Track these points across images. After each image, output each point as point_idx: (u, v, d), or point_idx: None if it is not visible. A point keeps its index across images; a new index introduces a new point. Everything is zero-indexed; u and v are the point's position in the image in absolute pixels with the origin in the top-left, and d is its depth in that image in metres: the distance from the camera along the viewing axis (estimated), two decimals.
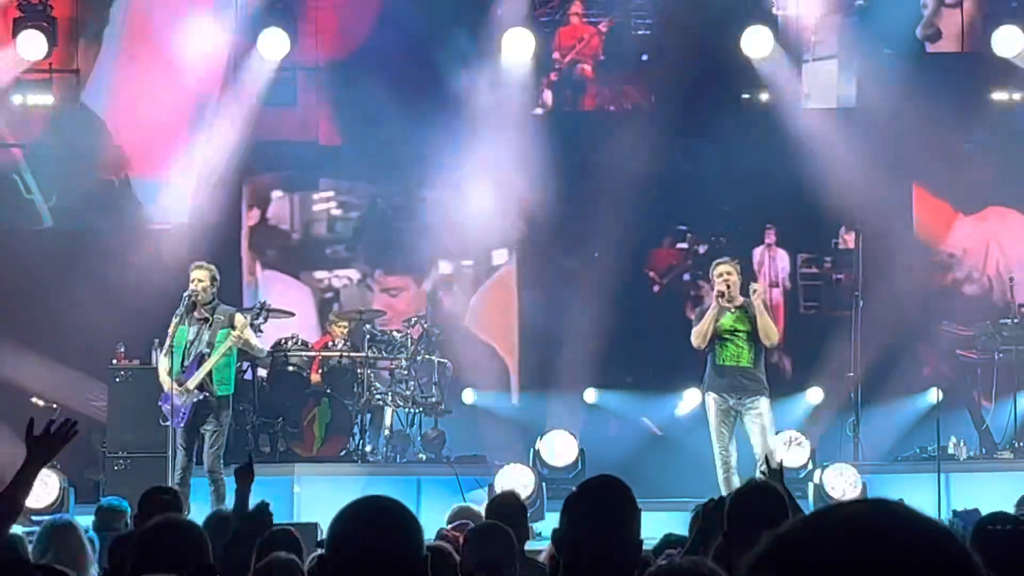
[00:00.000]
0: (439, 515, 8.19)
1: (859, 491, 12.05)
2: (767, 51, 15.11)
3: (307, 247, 16.47)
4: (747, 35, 14.99)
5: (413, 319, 13.80)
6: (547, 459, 13.22)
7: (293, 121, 16.00)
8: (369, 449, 13.15)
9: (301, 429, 13.07)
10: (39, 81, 15.27)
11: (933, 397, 13.83)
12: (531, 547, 7.22)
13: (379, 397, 13.44)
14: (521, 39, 15.32)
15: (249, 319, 10.91)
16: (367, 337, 13.40)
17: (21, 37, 14.63)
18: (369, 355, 13.33)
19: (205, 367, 10.58)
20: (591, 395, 15.27)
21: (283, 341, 13.53)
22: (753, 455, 10.68)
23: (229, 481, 8.43)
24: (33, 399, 13.30)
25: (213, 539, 4.46)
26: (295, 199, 16.49)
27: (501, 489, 11.47)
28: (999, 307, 15.12)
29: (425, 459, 13.28)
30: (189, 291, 10.68)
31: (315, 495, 12.02)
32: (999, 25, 15.06)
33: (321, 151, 15.88)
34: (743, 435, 10.85)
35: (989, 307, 15.33)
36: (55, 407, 12.95)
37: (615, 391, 15.40)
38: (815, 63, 16.05)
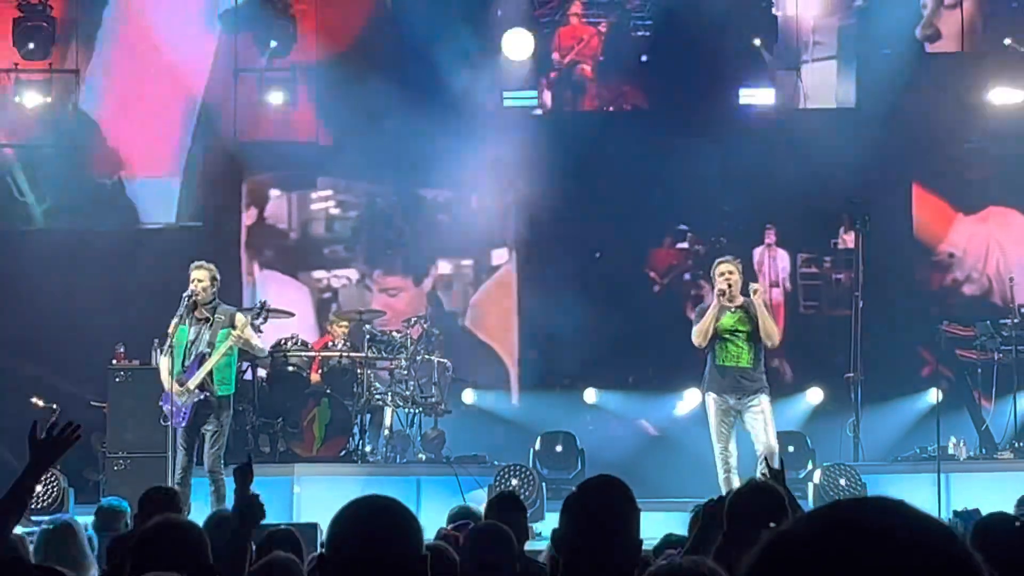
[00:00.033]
0: (439, 515, 8.17)
1: (859, 491, 12.04)
2: (767, 50, 15.14)
3: (305, 247, 16.43)
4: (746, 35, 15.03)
5: (413, 319, 13.79)
6: (546, 459, 13.23)
7: (292, 120, 15.97)
8: (369, 449, 13.14)
9: (301, 429, 13.06)
10: (38, 81, 15.25)
11: (933, 397, 13.82)
12: (531, 547, 7.22)
13: (379, 397, 13.43)
14: (521, 39, 15.32)
15: (249, 319, 10.90)
16: (367, 337, 13.39)
17: (20, 37, 14.65)
18: (369, 355, 13.32)
19: (206, 367, 10.57)
20: (591, 395, 15.27)
21: (283, 341, 13.52)
22: (753, 455, 10.66)
23: (229, 481, 8.42)
24: (33, 399, 13.31)
25: (213, 539, 4.46)
26: (293, 198, 16.43)
27: (500, 489, 11.49)
28: (999, 307, 15.12)
29: (425, 459, 13.27)
30: (189, 291, 10.66)
31: (315, 495, 12.01)
32: (999, 25, 15.07)
33: (319, 151, 15.86)
34: (743, 435, 10.84)
35: (989, 307, 15.34)
36: (55, 407, 12.95)
37: (615, 391, 15.40)
38: (814, 64, 16.06)
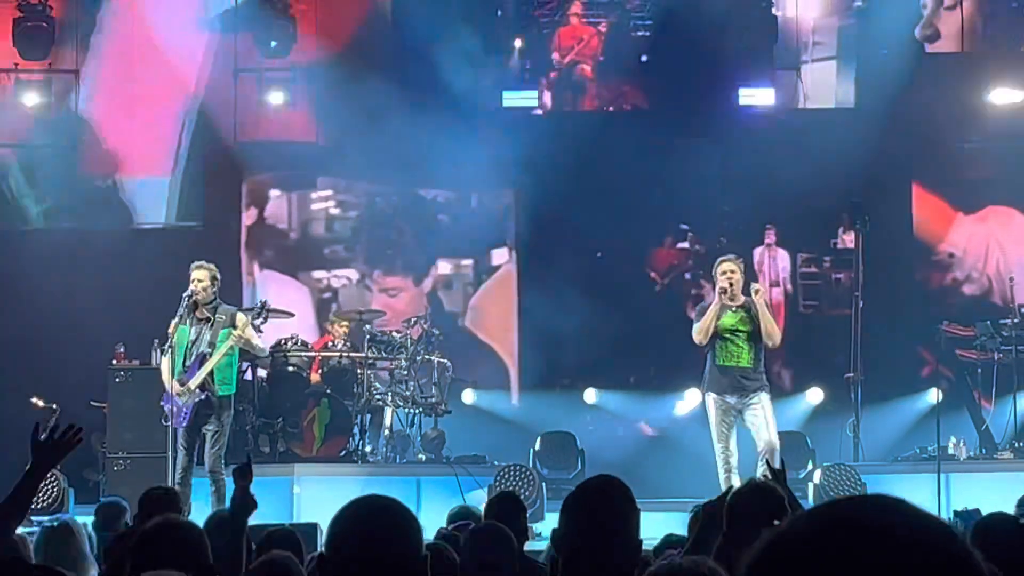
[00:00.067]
0: (439, 515, 8.17)
1: (859, 492, 12.04)
2: (767, 50, 15.15)
3: (305, 247, 16.40)
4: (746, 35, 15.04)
5: (413, 319, 13.78)
6: (546, 460, 13.23)
7: (291, 120, 15.95)
8: (369, 449, 13.13)
9: (301, 429, 13.05)
10: (37, 81, 15.23)
11: (933, 397, 13.81)
12: (531, 547, 7.22)
13: (379, 397, 13.42)
14: (522, 40, 15.35)
15: (250, 319, 10.90)
16: (367, 337, 13.39)
17: (20, 37, 14.65)
18: (369, 355, 13.31)
19: (207, 367, 10.57)
20: (591, 395, 15.27)
21: (283, 341, 13.51)
22: (754, 455, 10.66)
23: (230, 481, 8.42)
24: (33, 399, 13.30)
25: (213, 539, 4.46)
26: (293, 198, 16.39)
27: (500, 489, 11.49)
28: (999, 307, 15.12)
29: (425, 459, 13.26)
30: (189, 291, 10.66)
31: (315, 495, 12.00)
32: (998, 25, 15.08)
33: (319, 150, 15.80)
34: (744, 435, 10.83)
35: (989, 307, 15.34)
36: (55, 407, 12.95)
37: (615, 391, 15.39)
38: (814, 64, 16.06)
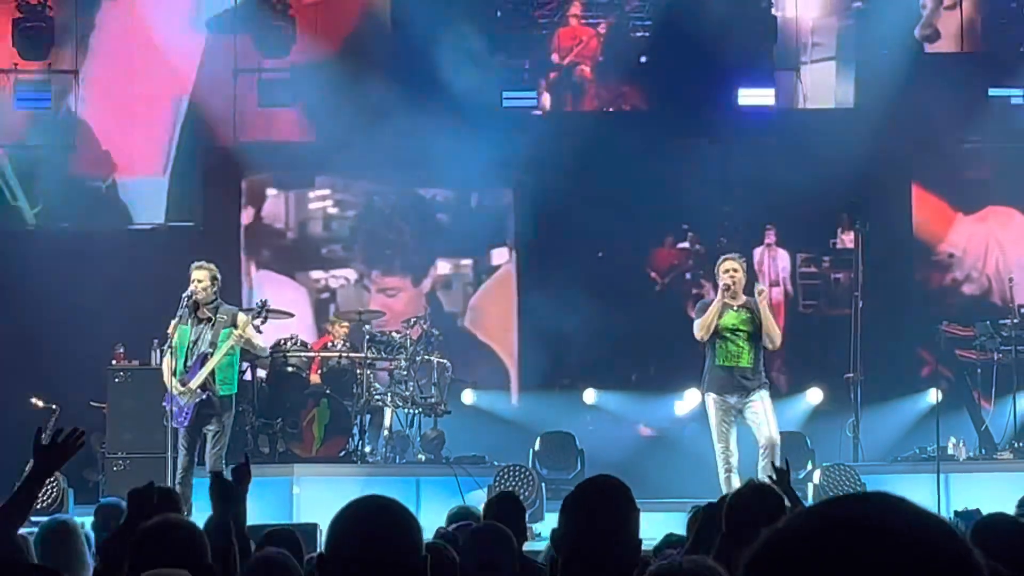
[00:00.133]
0: (438, 516, 8.17)
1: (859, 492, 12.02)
2: (766, 51, 15.15)
3: (303, 247, 16.34)
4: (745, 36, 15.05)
5: (413, 320, 13.77)
6: (546, 460, 13.23)
7: (290, 120, 15.92)
8: (368, 450, 13.12)
9: (300, 430, 13.04)
10: (36, 82, 15.21)
11: (932, 397, 13.81)
12: (530, 548, 7.21)
13: (378, 398, 13.41)
14: (521, 40, 15.36)
15: (250, 318, 10.90)
16: (366, 338, 13.38)
17: (20, 38, 14.64)
18: (368, 356, 13.31)
19: (208, 366, 10.57)
20: (590, 395, 15.26)
21: (282, 342, 13.50)
22: (754, 454, 10.66)
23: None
24: (32, 399, 13.30)
25: (213, 539, 4.46)
26: (290, 198, 16.30)
27: (500, 490, 11.49)
28: (999, 307, 15.12)
29: (424, 460, 13.25)
30: (189, 291, 10.66)
31: (314, 496, 11.99)
32: (997, 26, 15.09)
33: (318, 150, 15.69)
34: (744, 434, 10.83)
35: (988, 307, 15.33)
36: (54, 408, 12.95)
37: (615, 391, 15.38)
38: (813, 65, 16.05)
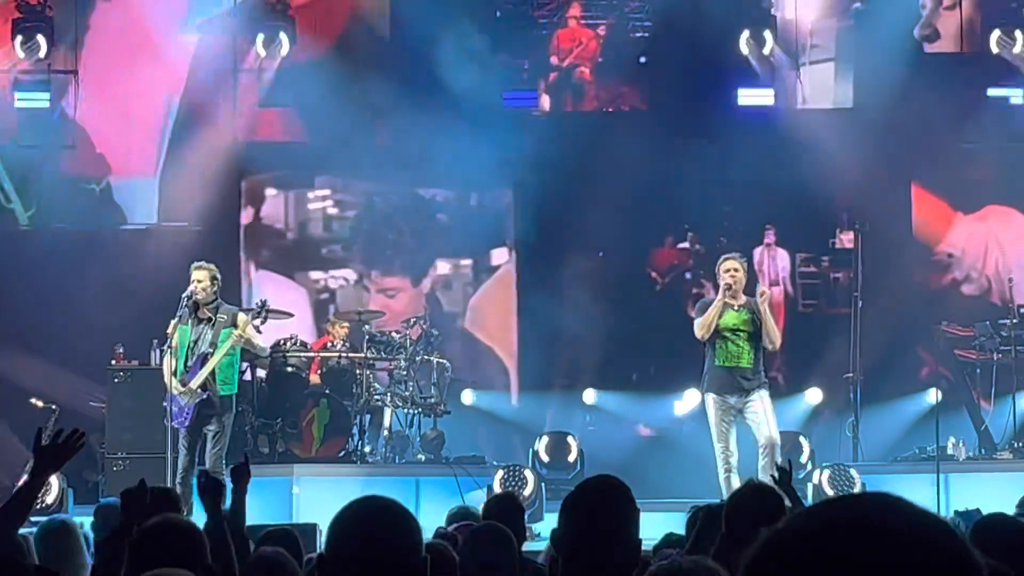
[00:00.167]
0: (438, 516, 8.17)
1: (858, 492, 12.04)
2: (765, 51, 15.15)
3: (302, 247, 16.31)
4: (745, 36, 15.05)
5: (412, 320, 13.77)
6: (546, 460, 13.23)
7: (290, 120, 15.91)
8: (368, 450, 13.12)
9: (300, 430, 13.04)
10: (35, 82, 15.18)
11: (932, 397, 13.82)
12: (531, 547, 7.21)
13: (378, 398, 13.41)
14: (521, 40, 15.37)
15: (250, 318, 10.90)
16: (366, 338, 13.38)
17: (19, 38, 14.64)
18: (368, 356, 13.31)
19: (208, 366, 10.58)
20: (590, 396, 15.25)
21: (282, 342, 13.50)
22: (754, 454, 10.66)
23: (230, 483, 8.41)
24: (32, 400, 13.30)
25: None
26: (290, 198, 16.25)
27: (499, 490, 11.50)
28: (998, 307, 15.11)
29: (424, 460, 13.25)
30: (188, 291, 10.66)
31: (314, 496, 11.99)
32: (997, 25, 15.07)
33: (317, 150, 15.63)
34: (744, 434, 10.83)
35: (988, 307, 15.33)
36: (54, 408, 12.95)
37: (614, 392, 15.38)
38: (812, 66, 16.05)
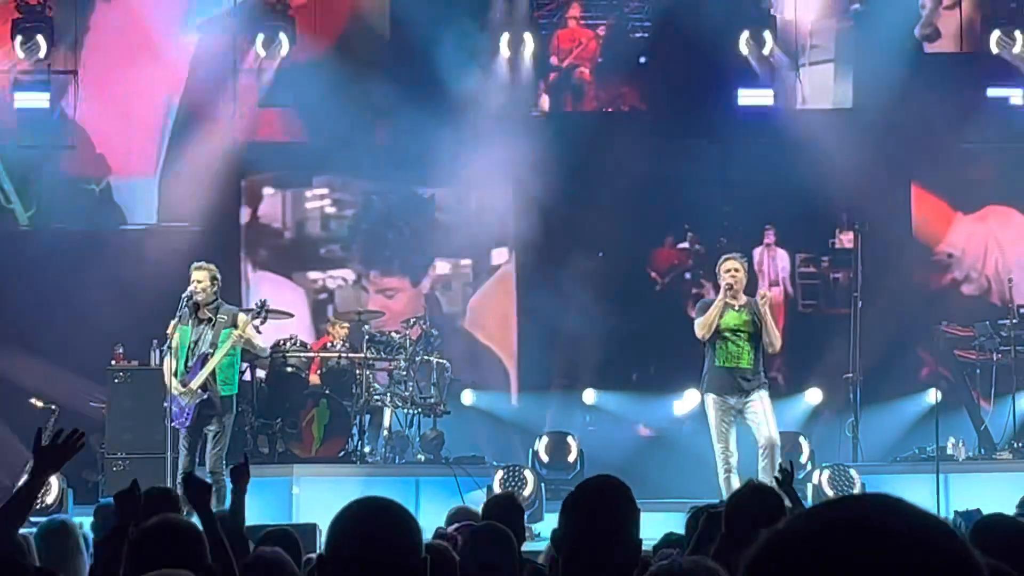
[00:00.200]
0: (438, 516, 8.17)
1: (858, 492, 12.04)
2: (765, 51, 15.15)
3: (300, 246, 16.28)
4: (744, 36, 15.06)
5: (412, 320, 13.77)
6: (546, 460, 13.23)
7: (289, 120, 15.90)
8: (368, 450, 13.12)
9: (300, 430, 13.04)
10: (35, 83, 15.18)
11: (932, 397, 13.82)
12: (531, 547, 7.21)
13: (378, 398, 13.41)
14: (521, 40, 15.35)
15: (250, 318, 10.90)
16: (366, 338, 13.38)
17: (19, 38, 14.64)
18: (368, 356, 13.31)
19: (208, 366, 10.58)
20: (590, 396, 15.25)
21: (282, 342, 13.50)
22: (754, 455, 10.66)
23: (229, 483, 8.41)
24: (32, 400, 13.30)
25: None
26: (288, 197, 16.21)
27: (499, 490, 11.50)
28: (998, 307, 15.11)
29: (424, 460, 13.25)
30: (188, 292, 10.66)
31: (314, 496, 12.00)
32: (997, 26, 15.07)
33: (316, 149, 15.60)
34: (744, 435, 10.83)
35: (987, 307, 15.33)
36: (54, 408, 12.95)
37: (614, 392, 15.38)
38: (811, 67, 16.05)
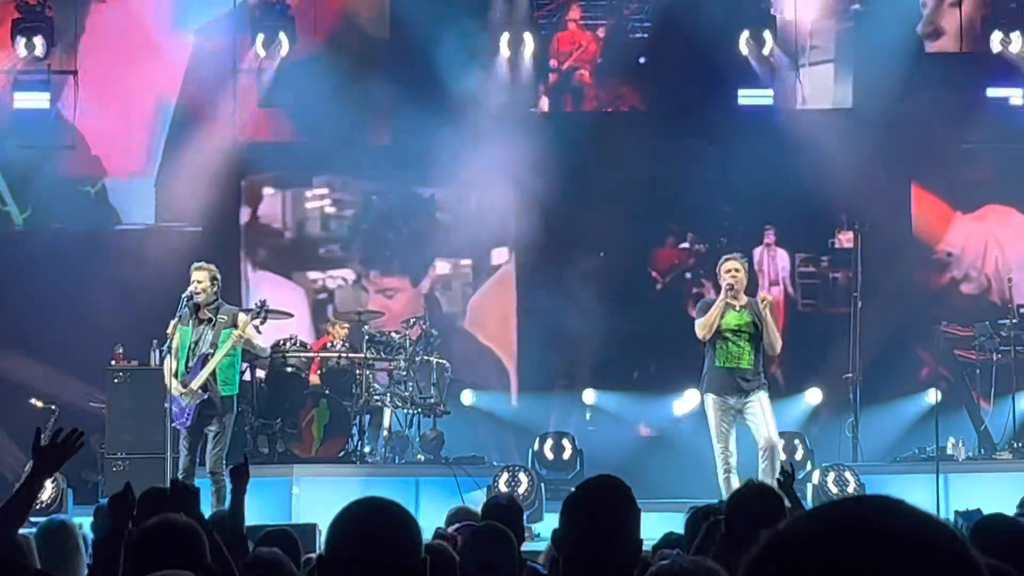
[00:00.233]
0: (438, 516, 8.17)
1: (858, 492, 12.03)
2: (765, 51, 15.15)
3: (300, 246, 16.27)
4: (744, 37, 15.06)
5: (412, 320, 13.77)
6: (546, 460, 13.23)
7: (289, 119, 15.89)
8: (368, 450, 13.13)
9: (300, 430, 13.05)
10: (35, 83, 15.17)
11: (932, 397, 13.83)
12: (531, 547, 7.21)
13: (378, 398, 13.42)
14: (521, 40, 15.34)
15: (250, 319, 10.91)
16: (366, 338, 13.38)
17: (19, 38, 14.64)
18: (367, 356, 13.31)
19: (208, 367, 10.58)
20: (590, 396, 15.25)
21: (282, 342, 13.50)
22: (754, 455, 10.66)
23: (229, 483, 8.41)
24: (32, 400, 13.31)
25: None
26: (287, 197, 16.20)
27: (499, 490, 11.50)
28: (998, 307, 15.11)
29: (424, 460, 13.25)
30: (188, 292, 10.66)
31: (314, 496, 12.00)
32: (998, 25, 15.07)
33: (316, 149, 15.57)
34: (744, 435, 10.84)
35: (987, 306, 15.33)
36: (53, 408, 12.96)
37: (614, 392, 15.38)
38: (811, 67, 16.05)
